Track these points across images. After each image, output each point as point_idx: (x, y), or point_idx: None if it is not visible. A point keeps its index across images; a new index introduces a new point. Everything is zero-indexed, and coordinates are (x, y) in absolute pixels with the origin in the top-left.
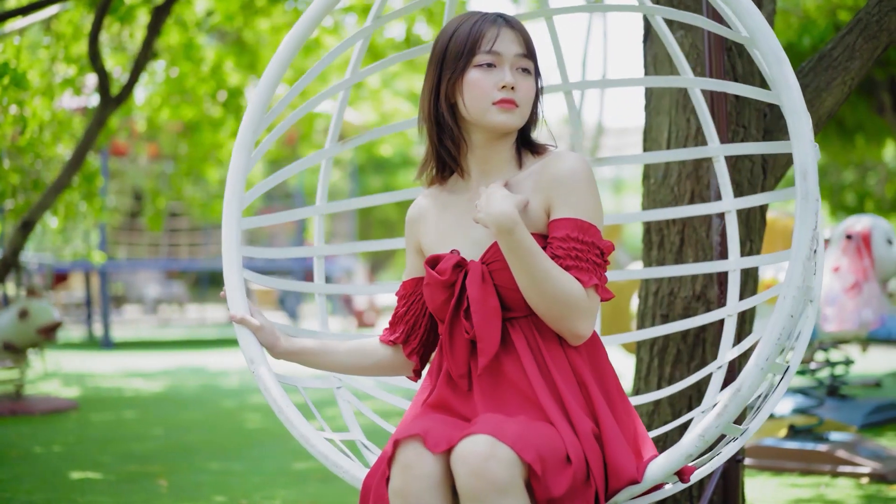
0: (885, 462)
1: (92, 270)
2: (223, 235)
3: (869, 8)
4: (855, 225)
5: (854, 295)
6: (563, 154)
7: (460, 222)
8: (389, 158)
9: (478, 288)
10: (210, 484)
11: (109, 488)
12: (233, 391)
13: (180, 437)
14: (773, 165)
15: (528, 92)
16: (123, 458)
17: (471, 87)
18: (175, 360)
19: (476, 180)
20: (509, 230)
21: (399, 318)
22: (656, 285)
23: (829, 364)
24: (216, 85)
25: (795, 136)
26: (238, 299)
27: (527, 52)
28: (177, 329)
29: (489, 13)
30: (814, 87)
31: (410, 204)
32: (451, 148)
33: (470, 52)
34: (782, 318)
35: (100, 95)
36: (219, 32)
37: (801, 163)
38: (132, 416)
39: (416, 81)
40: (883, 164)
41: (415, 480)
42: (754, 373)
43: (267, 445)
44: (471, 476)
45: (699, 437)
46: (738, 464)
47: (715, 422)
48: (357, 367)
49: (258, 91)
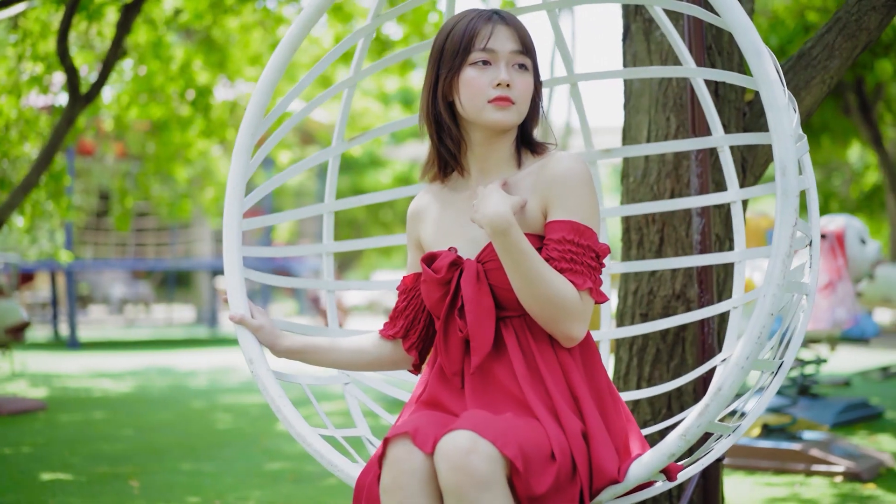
0: (859, 461)
1: (58, 270)
2: (224, 237)
3: (848, 7)
4: (828, 224)
5: (828, 294)
6: (561, 155)
7: (459, 220)
8: (358, 159)
9: (472, 287)
10: (182, 485)
11: (80, 489)
12: (202, 391)
13: (150, 438)
14: (752, 164)
15: (524, 88)
16: (93, 459)
17: (466, 86)
18: (142, 360)
19: (476, 178)
20: (503, 231)
21: (399, 312)
22: (636, 284)
23: (803, 363)
24: (185, 84)
25: (776, 132)
26: (238, 300)
27: (523, 48)
28: (143, 329)
29: (485, 10)
30: (793, 85)
31: (383, 205)
32: (451, 146)
33: (465, 51)
34: (763, 316)
35: (69, 94)
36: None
37: (780, 159)
38: (101, 416)
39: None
40: (848, 164)
41: (404, 477)
42: (735, 372)
43: (238, 446)
44: (451, 470)
45: (681, 436)
46: (719, 463)
47: (696, 421)
48: (358, 363)
49: (256, 93)
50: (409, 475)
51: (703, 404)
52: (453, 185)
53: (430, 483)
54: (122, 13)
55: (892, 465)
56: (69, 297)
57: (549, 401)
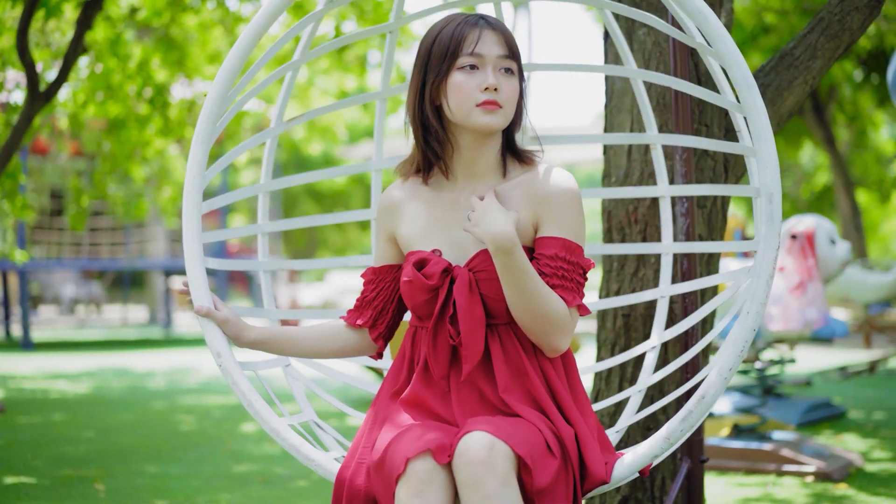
0: (829, 461)
1: (10, 270)
2: (184, 227)
3: (831, 7)
4: (798, 225)
5: (799, 294)
6: (554, 171)
7: (443, 222)
8: (313, 158)
9: (465, 297)
10: (148, 488)
11: (45, 493)
12: (161, 393)
13: (113, 440)
14: (734, 164)
15: (511, 92)
16: (56, 462)
17: (454, 90)
18: (97, 361)
19: (462, 182)
20: (507, 251)
21: (367, 302)
22: (618, 285)
23: (775, 363)
24: (143, 82)
25: (763, 161)
26: (201, 291)
27: (509, 52)
28: (95, 330)
29: (471, 15)
30: (775, 86)
31: (337, 204)
32: (438, 149)
33: (453, 55)
34: (746, 331)
35: (28, 92)
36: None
37: (767, 186)
38: (61, 418)
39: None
40: (799, 165)
41: (422, 486)
42: (718, 382)
43: (203, 448)
44: (474, 465)
45: (665, 439)
46: (702, 464)
47: (680, 426)
48: (323, 352)
49: (217, 83)
50: (426, 484)
51: (686, 410)
52: (435, 185)
53: (447, 491)
54: (82, 10)
55: (861, 465)
56: (22, 298)
57: (536, 405)
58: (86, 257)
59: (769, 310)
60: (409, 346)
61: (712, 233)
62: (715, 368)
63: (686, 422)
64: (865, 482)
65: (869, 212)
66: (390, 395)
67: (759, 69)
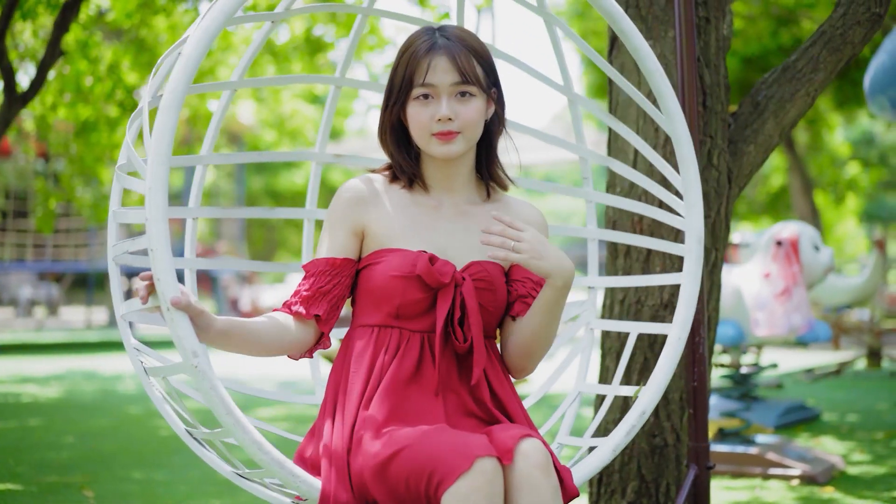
0: (813, 463)
1: None
2: (147, 205)
3: (833, 21)
4: (782, 231)
5: (784, 300)
6: (528, 206)
7: (423, 224)
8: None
9: (474, 302)
10: (137, 494)
11: (33, 500)
12: (134, 397)
13: (94, 445)
14: (737, 175)
15: (468, 116)
16: (40, 468)
17: (411, 120)
18: (62, 364)
19: (439, 194)
20: (567, 286)
21: (323, 294)
22: (622, 293)
23: (762, 368)
24: (113, 84)
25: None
26: (173, 281)
27: (462, 78)
28: (54, 332)
29: (428, 35)
30: (778, 97)
31: (290, 198)
32: (412, 164)
33: (407, 86)
34: (676, 356)
35: (5, 95)
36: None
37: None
38: (37, 423)
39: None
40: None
41: (497, 492)
42: (655, 398)
43: (185, 453)
44: (537, 470)
45: (613, 451)
46: (709, 471)
47: (625, 439)
48: (275, 346)
49: (193, 44)
50: (491, 483)
51: (629, 424)
52: (410, 189)
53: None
54: (59, 13)
55: (843, 468)
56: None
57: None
58: (49, 259)
59: (755, 315)
60: (369, 345)
61: (716, 242)
62: (651, 386)
63: (629, 435)
64: (850, 485)
65: (824, 213)
66: (359, 396)
67: (762, 81)
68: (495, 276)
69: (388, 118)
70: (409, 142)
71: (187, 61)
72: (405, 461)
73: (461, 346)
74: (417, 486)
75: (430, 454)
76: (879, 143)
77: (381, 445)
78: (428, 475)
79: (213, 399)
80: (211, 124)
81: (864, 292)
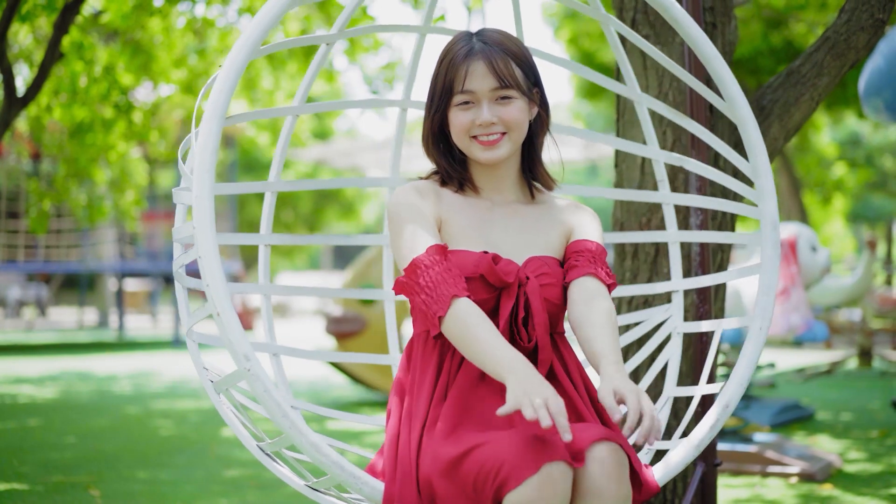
0: (811, 462)
1: None
2: (195, 215)
3: (837, 26)
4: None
5: (783, 301)
6: (576, 206)
7: (483, 228)
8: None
9: (539, 301)
10: (144, 493)
11: (40, 500)
12: (131, 397)
13: (96, 445)
14: (744, 179)
15: (510, 118)
16: (45, 468)
17: (453, 126)
18: (55, 364)
19: (490, 194)
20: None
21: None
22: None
23: (758, 367)
24: (108, 86)
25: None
26: (221, 287)
27: (500, 83)
28: (44, 333)
29: (465, 41)
30: (782, 101)
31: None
32: (459, 168)
33: (448, 93)
34: (758, 346)
35: (5, 96)
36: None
37: (770, 215)
38: (37, 423)
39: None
40: None
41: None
42: (738, 391)
43: (189, 453)
44: (606, 479)
45: (695, 447)
46: (716, 468)
47: (709, 434)
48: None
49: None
50: (560, 485)
51: (713, 418)
52: (462, 192)
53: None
54: (59, 15)
55: (841, 466)
56: None
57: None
58: (41, 260)
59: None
60: (435, 349)
61: (722, 245)
62: (736, 380)
63: (713, 429)
64: (848, 483)
65: (811, 213)
66: (427, 400)
67: (767, 85)
68: (555, 269)
69: (431, 126)
70: (453, 147)
71: (227, 73)
72: (475, 461)
73: (526, 346)
74: (484, 486)
75: (499, 454)
76: (866, 144)
77: (452, 445)
78: (494, 475)
79: (268, 402)
80: (276, 151)
81: (856, 292)
